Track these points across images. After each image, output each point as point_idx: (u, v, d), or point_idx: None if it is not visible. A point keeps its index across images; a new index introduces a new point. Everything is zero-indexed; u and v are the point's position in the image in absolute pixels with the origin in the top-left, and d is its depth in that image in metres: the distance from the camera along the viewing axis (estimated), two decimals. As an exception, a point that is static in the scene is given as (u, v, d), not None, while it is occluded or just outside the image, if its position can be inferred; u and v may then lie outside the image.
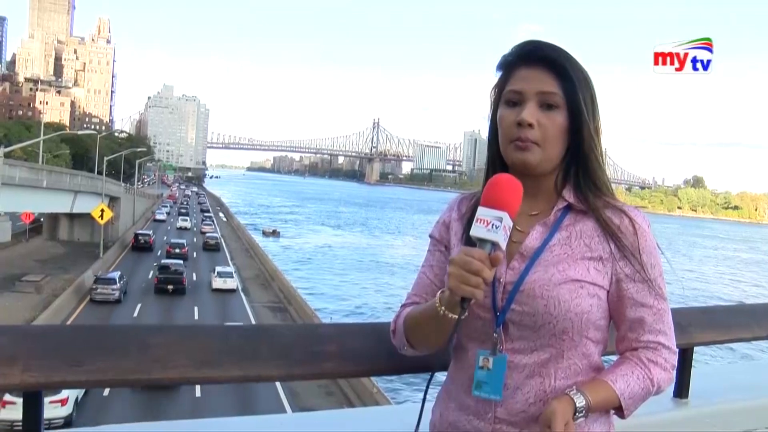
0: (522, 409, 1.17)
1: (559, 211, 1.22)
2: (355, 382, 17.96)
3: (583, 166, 1.22)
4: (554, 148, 1.20)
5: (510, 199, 1.10)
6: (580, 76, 1.20)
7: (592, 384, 1.17)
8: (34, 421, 1.25)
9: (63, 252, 40.00)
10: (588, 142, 1.21)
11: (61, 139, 64.50)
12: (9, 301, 25.98)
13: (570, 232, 1.20)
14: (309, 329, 2.69)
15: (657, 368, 1.20)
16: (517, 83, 1.20)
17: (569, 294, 1.15)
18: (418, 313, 1.24)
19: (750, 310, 2.36)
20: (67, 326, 4.12)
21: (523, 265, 1.19)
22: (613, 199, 1.23)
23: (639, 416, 1.88)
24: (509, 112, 1.20)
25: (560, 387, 1.16)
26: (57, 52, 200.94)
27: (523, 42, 1.24)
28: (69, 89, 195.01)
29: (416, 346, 1.27)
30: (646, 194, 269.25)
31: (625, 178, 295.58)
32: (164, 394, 16.59)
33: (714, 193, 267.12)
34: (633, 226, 1.19)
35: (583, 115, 1.19)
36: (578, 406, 1.12)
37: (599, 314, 1.19)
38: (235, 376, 1.38)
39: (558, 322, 1.15)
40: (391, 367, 1.43)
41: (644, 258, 1.18)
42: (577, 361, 1.18)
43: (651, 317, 1.20)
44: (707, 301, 38.52)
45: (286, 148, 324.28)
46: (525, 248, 1.21)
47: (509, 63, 1.24)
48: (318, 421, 1.91)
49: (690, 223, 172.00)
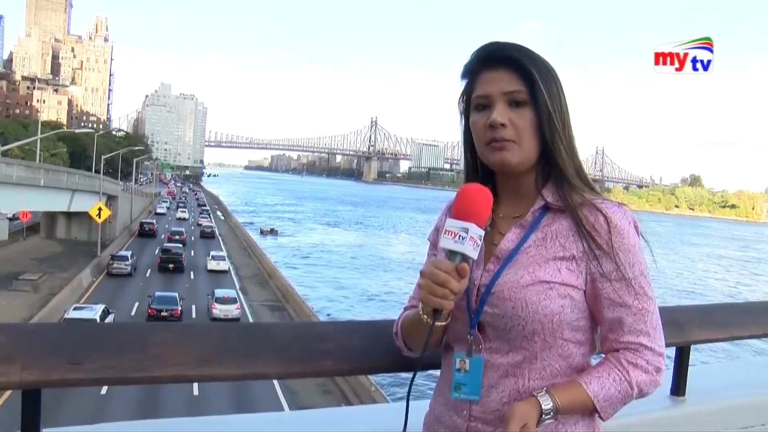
0: (496, 408, 1.18)
1: (537, 211, 1.22)
2: (352, 380, 17.97)
3: (560, 159, 1.20)
4: (529, 144, 1.19)
5: (477, 209, 1.11)
6: (542, 69, 1.20)
7: (564, 386, 1.16)
8: (33, 420, 1.25)
9: (60, 251, 39.91)
10: (560, 133, 1.20)
11: (58, 138, 64.36)
12: (6, 299, 25.94)
13: (546, 233, 1.20)
14: (306, 327, 2.68)
15: (637, 370, 1.16)
16: (483, 87, 1.21)
17: (537, 296, 1.15)
18: (411, 318, 1.27)
19: (747, 308, 2.37)
20: (67, 325, 4.13)
21: (497, 268, 1.20)
22: (594, 194, 1.20)
23: (636, 414, 1.89)
24: (480, 117, 1.21)
25: (534, 387, 1.16)
26: (54, 50, 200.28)
27: (482, 46, 1.24)
28: (66, 88, 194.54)
29: (413, 349, 1.31)
30: (644, 193, 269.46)
31: (622, 177, 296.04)
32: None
33: (711, 191, 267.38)
34: (608, 223, 1.16)
35: (549, 107, 1.18)
36: (544, 408, 1.12)
37: (574, 315, 1.17)
38: (234, 374, 1.39)
39: (527, 323, 1.15)
40: (388, 365, 1.43)
41: (621, 256, 1.15)
42: (553, 363, 1.17)
43: (630, 317, 1.17)
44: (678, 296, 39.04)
45: (283, 147, 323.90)
46: (500, 251, 1.21)
47: (472, 69, 1.24)
48: (316, 420, 1.92)
49: (686, 222, 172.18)
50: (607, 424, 1.23)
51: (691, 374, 2.04)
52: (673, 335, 1.95)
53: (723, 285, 55.06)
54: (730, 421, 2.04)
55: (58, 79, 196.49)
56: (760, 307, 2.35)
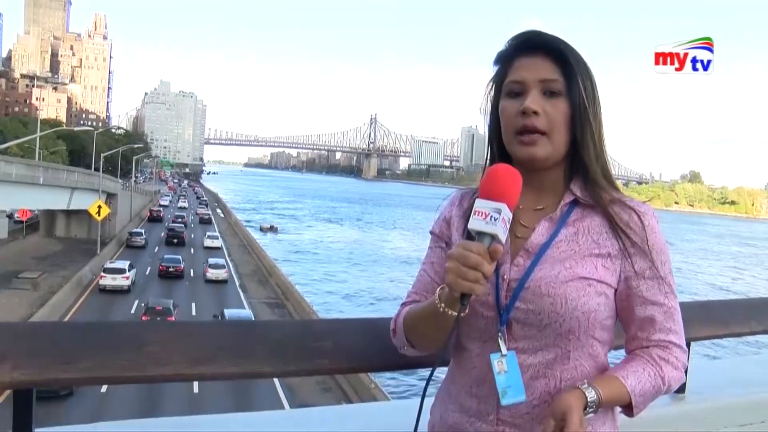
0: (526, 411, 1.14)
1: (566, 205, 1.19)
2: (352, 378, 17.97)
3: (588, 156, 1.18)
4: (560, 138, 1.16)
5: (508, 190, 1.06)
6: (580, 62, 1.18)
7: (603, 379, 1.13)
8: (25, 420, 1.24)
9: (60, 249, 39.94)
10: (591, 129, 1.17)
11: (57, 136, 64.35)
12: (5, 298, 25.95)
13: (577, 228, 1.17)
14: (304, 325, 2.67)
15: (668, 366, 1.16)
16: (518, 72, 1.18)
17: (576, 292, 1.11)
18: (418, 311, 1.20)
19: (748, 305, 2.36)
20: (60, 323, 4.11)
21: (529, 262, 1.15)
22: (620, 193, 1.19)
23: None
24: (511, 103, 1.17)
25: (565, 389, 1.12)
26: (53, 48, 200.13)
27: (520, 32, 1.21)
28: (65, 85, 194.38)
29: (417, 346, 1.24)
30: (644, 189, 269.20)
31: (622, 173, 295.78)
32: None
33: (711, 188, 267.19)
34: (642, 222, 1.15)
35: (585, 102, 1.16)
36: (589, 401, 1.08)
37: (606, 313, 1.15)
38: (230, 372, 1.38)
39: (564, 321, 1.11)
40: (386, 364, 1.42)
41: (654, 255, 1.15)
42: (583, 362, 1.15)
43: (661, 315, 1.16)
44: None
45: (283, 144, 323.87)
46: (530, 244, 1.17)
47: (507, 54, 1.21)
48: (315, 418, 1.90)
49: (685, 219, 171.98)
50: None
51: (691, 372, 2.03)
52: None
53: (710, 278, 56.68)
54: (730, 419, 2.03)
55: (57, 77, 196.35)
56: (761, 304, 2.34)
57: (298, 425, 1.79)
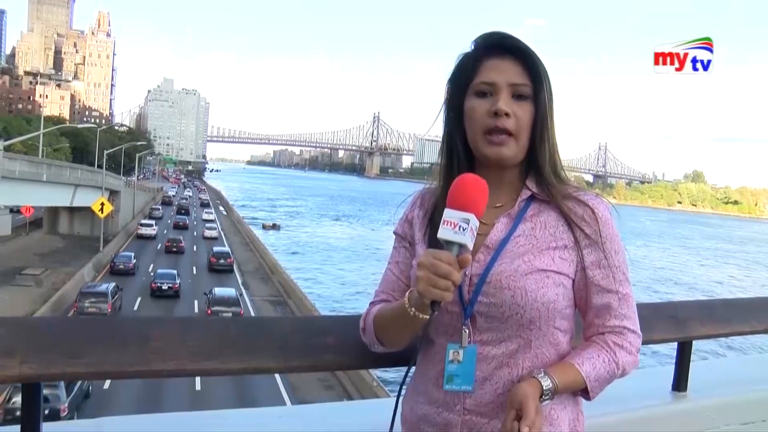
0: (491, 399, 1.19)
1: (523, 201, 1.24)
2: (354, 375, 18.00)
3: (542, 156, 1.23)
4: (524, 139, 1.22)
5: (476, 200, 1.11)
6: (543, 68, 1.23)
7: (558, 367, 1.18)
8: (33, 413, 1.25)
9: (63, 246, 40.00)
10: (547, 131, 1.23)
11: (61, 133, 64.47)
12: (9, 294, 26.01)
13: (534, 223, 1.22)
14: (307, 321, 2.69)
15: (622, 351, 1.22)
16: (488, 74, 1.22)
17: (536, 284, 1.17)
18: (388, 312, 1.25)
19: (749, 304, 2.36)
20: (67, 318, 4.13)
21: (489, 257, 1.21)
22: (573, 188, 1.25)
23: (638, 409, 1.89)
24: (481, 103, 1.22)
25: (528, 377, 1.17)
26: (57, 45, 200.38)
27: (489, 33, 1.26)
28: (69, 83, 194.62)
29: (386, 344, 1.29)
30: (646, 189, 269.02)
31: (625, 173, 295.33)
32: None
33: (714, 187, 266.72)
34: (594, 214, 1.21)
35: (547, 106, 1.22)
36: (545, 389, 1.13)
37: (565, 303, 1.21)
38: (234, 368, 1.39)
39: (525, 312, 1.16)
40: (387, 360, 1.43)
41: (607, 245, 1.21)
42: (545, 351, 1.20)
43: (616, 302, 1.22)
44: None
45: (286, 142, 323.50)
46: (490, 240, 1.22)
47: (477, 54, 1.25)
48: (316, 414, 1.91)
49: (685, 218, 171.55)
50: (610, 419, 1.23)
51: (693, 370, 2.04)
52: (675, 331, 1.95)
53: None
54: (731, 417, 2.04)
55: (61, 74, 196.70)
56: (762, 303, 2.35)
57: (300, 421, 1.80)
